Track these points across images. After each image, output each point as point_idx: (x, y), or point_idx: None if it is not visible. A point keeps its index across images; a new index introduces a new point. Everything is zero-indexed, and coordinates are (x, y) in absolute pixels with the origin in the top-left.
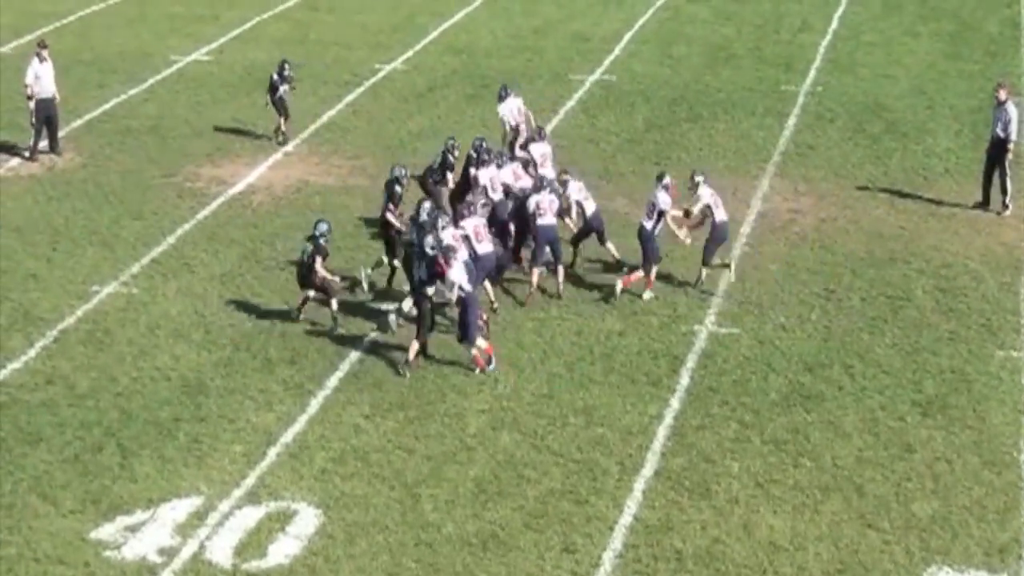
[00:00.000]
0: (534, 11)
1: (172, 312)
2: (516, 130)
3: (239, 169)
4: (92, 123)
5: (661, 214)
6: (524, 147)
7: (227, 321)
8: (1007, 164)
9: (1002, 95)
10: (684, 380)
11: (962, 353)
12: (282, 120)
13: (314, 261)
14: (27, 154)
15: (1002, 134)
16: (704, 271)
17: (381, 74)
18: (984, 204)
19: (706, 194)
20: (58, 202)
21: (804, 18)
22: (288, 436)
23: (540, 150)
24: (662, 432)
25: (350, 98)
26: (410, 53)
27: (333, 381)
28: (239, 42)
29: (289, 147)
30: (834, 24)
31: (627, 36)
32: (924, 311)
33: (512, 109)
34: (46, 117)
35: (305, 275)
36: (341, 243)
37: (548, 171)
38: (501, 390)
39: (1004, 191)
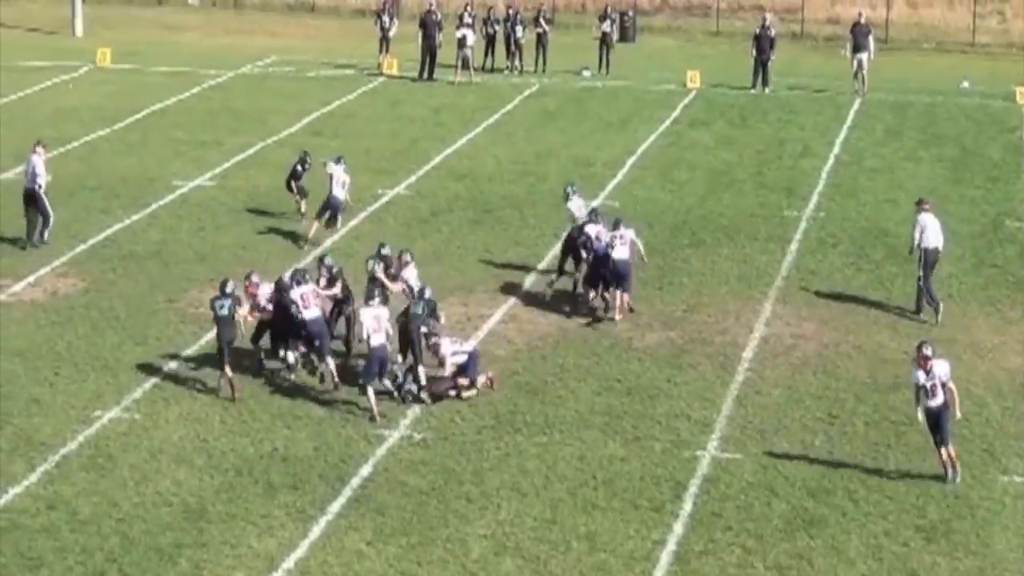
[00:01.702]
0: (536, 137)
1: (174, 437)
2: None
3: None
4: (95, 248)
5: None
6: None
7: (229, 446)
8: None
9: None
10: (687, 505)
11: (965, 479)
12: (303, 202)
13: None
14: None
15: None
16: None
17: (384, 199)
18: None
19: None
20: (61, 327)
21: (806, 143)
22: (290, 562)
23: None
24: (665, 558)
25: (353, 223)
26: (413, 178)
27: (336, 506)
28: (242, 168)
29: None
30: (836, 149)
31: (629, 162)
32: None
33: (580, 206)
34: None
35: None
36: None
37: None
38: (504, 515)
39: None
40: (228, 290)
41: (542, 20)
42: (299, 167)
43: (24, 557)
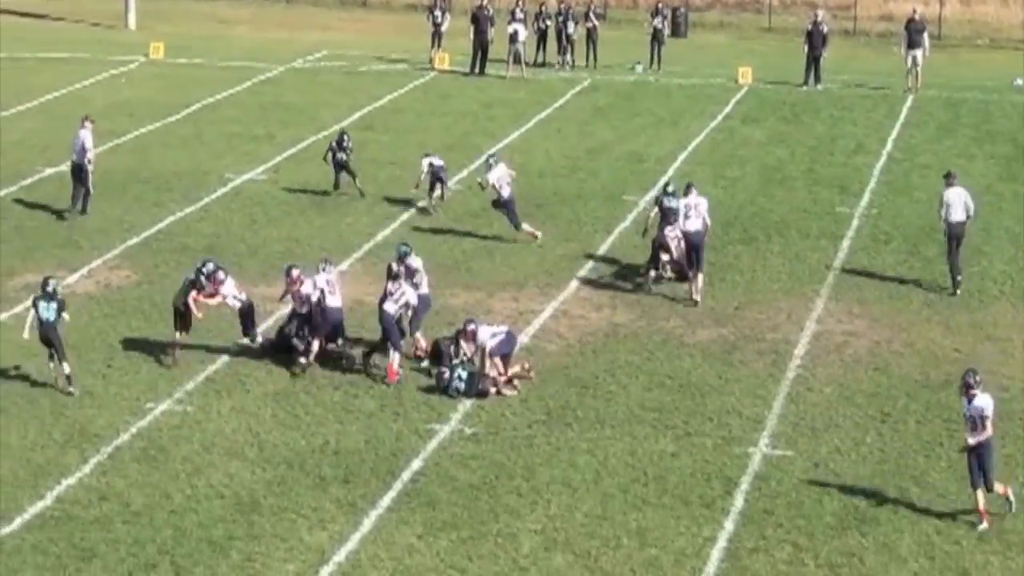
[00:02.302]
0: (588, 132)
1: (226, 430)
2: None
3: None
4: (148, 241)
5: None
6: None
7: (281, 439)
8: None
9: None
10: (738, 502)
11: (1018, 477)
12: (353, 179)
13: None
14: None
15: None
16: None
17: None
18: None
19: None
20: (113, 319)
21: (859, 140)
22: (341, 555)
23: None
24: (716, 555)
25: (404, 217)
26: (464, 173)
27: (386, 500)
28: (294, 161)
29: (343, 266)
30: (888, 146)
31: (681, 157)
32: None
33: (500, 175)
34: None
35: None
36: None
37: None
38: (554, 510)
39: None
40: (50, 289)
41: (592, 15)
42: (333, 143)
43: (77, 548)
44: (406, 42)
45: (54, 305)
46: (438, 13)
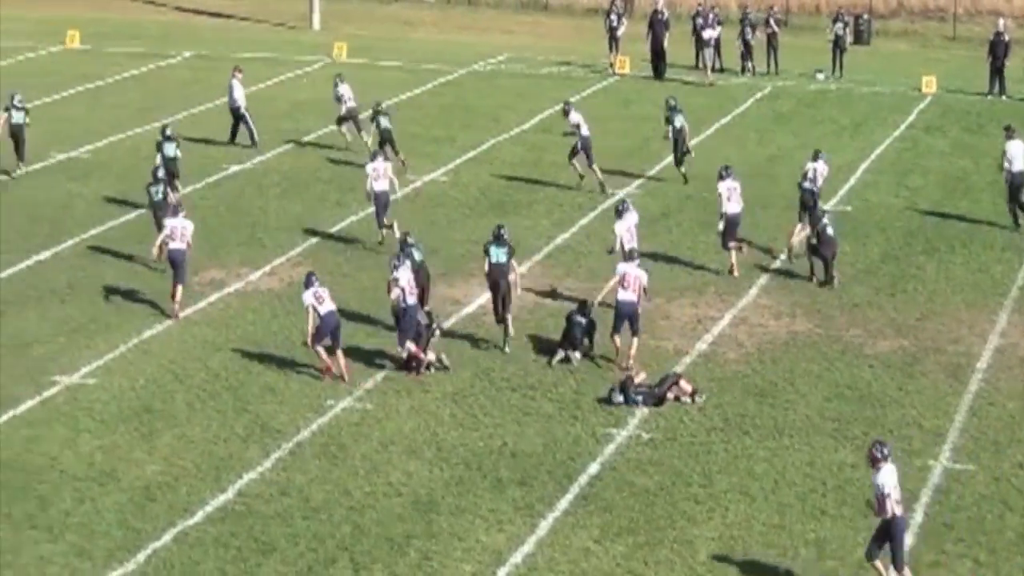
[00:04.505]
0: (768, 139)
1: (405, 429)
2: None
3: (472, 289)
4: (330, 239)
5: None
6: None
7: (459, 440)
8: None
9: None
10: (918, 516)
11: None
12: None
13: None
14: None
15: None
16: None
17: (615, 198)
18: None
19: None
20: (295, 316)
21: None
22: (517, 557)
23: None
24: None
25: (583, 222)
26: (644, 179)
27: (563, 503)
28: (474, 164)
29: (523, 268)
30: None
31: (863, 166)
32: None
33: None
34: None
35: None
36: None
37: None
38: (731, 518)
39: None
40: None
41: (772, 21)
42: (375, 119)
43: (258, 542)
44: (586, 46)
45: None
46: (614, 18)
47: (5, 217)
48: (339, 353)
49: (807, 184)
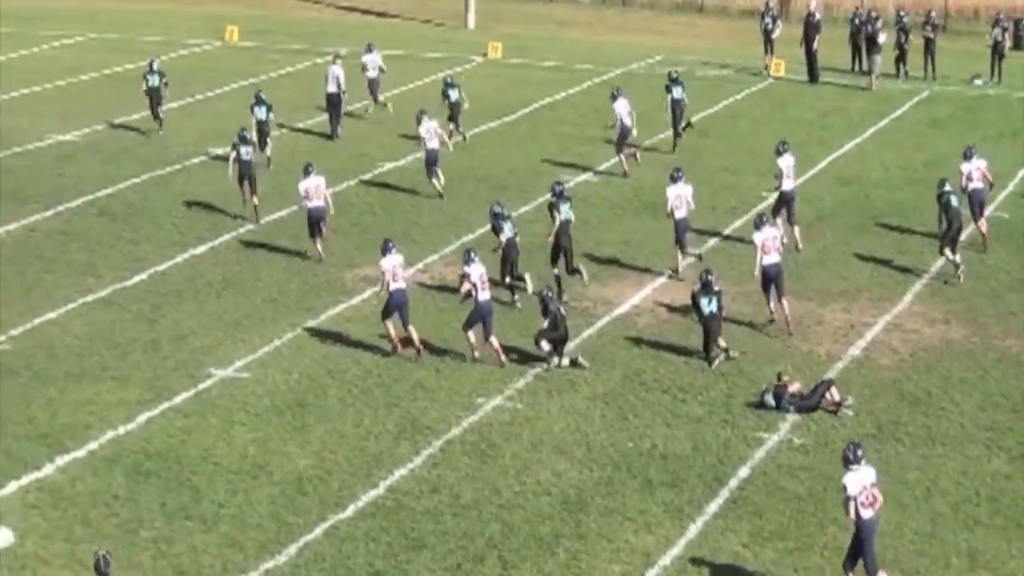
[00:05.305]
0: (925, 144)
1: (555, 428)
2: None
3: (625, 290)
4: (482, 238)
5: None
6: None
7: (608, 441)
8: None
9: None
10: None
11: None
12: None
13: None
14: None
15: None
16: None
17: (767, 201)
18: None
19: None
20: (448, 314)
21: None
22: (667, 559)
23: None
24: None
25: (736, 224)
26: (798, 182)
27: (713, 507)
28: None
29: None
30: None
31: (1021, 173)
32: None
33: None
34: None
35: None
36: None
37: None
38: (883, 526)
39: None
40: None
41: (930, 26)
42: (445, 92)
43: (408, 538)
44: (740, 48)
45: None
46: (768, 20)
47: (163, 211)
48: (411, 328)
49: (947, 188)
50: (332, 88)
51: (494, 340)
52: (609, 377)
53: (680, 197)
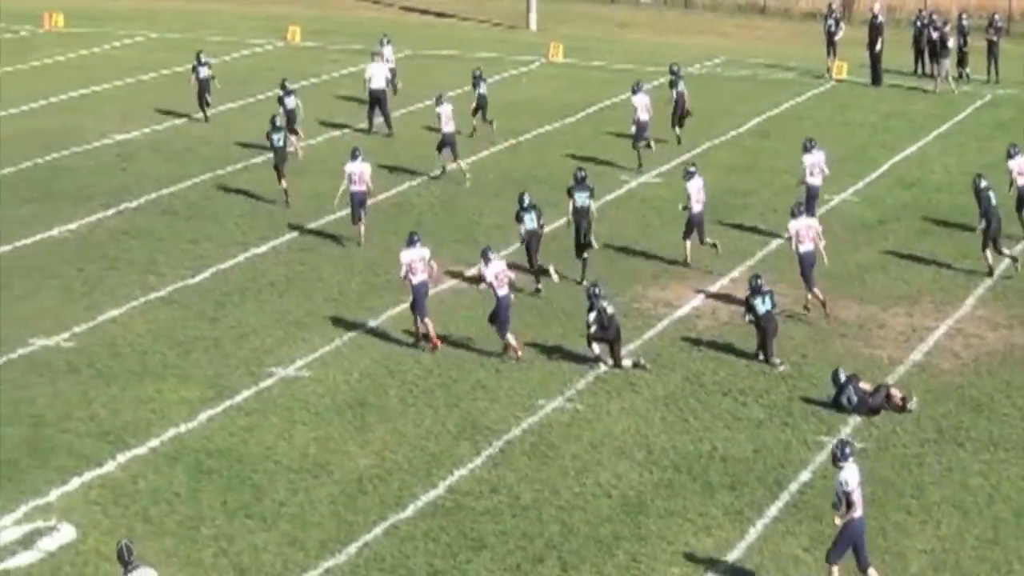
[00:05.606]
0: (988, 147)
1: (615, 430)
2: None
3: (685, 292)
4: (546, 239)
5: None
6: None
7: (669, 443)
8: None
9: None
10: None
11: None
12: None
13: None
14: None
15: None
16: None
17: (830, 204)
18: None
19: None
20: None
21: None
22: (726, 563)
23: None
24: None
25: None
26: (860, 184)
27: (773, 510)
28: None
29: (736, 272)
30: None
31: None
32: None
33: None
34: (376, 102)
35: None
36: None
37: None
38: (944, 531)
39: None
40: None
41: (992, 28)
42: (476, 84)
43: (467, 538)
44: (802, 50)
45: None
46: (831, 22)
47: (225, 210)
48: (428, 322)
49: (984, 184)
50: (378, 84)
51: (510, 337)
52: (669, 379)
53: (700, 191)
